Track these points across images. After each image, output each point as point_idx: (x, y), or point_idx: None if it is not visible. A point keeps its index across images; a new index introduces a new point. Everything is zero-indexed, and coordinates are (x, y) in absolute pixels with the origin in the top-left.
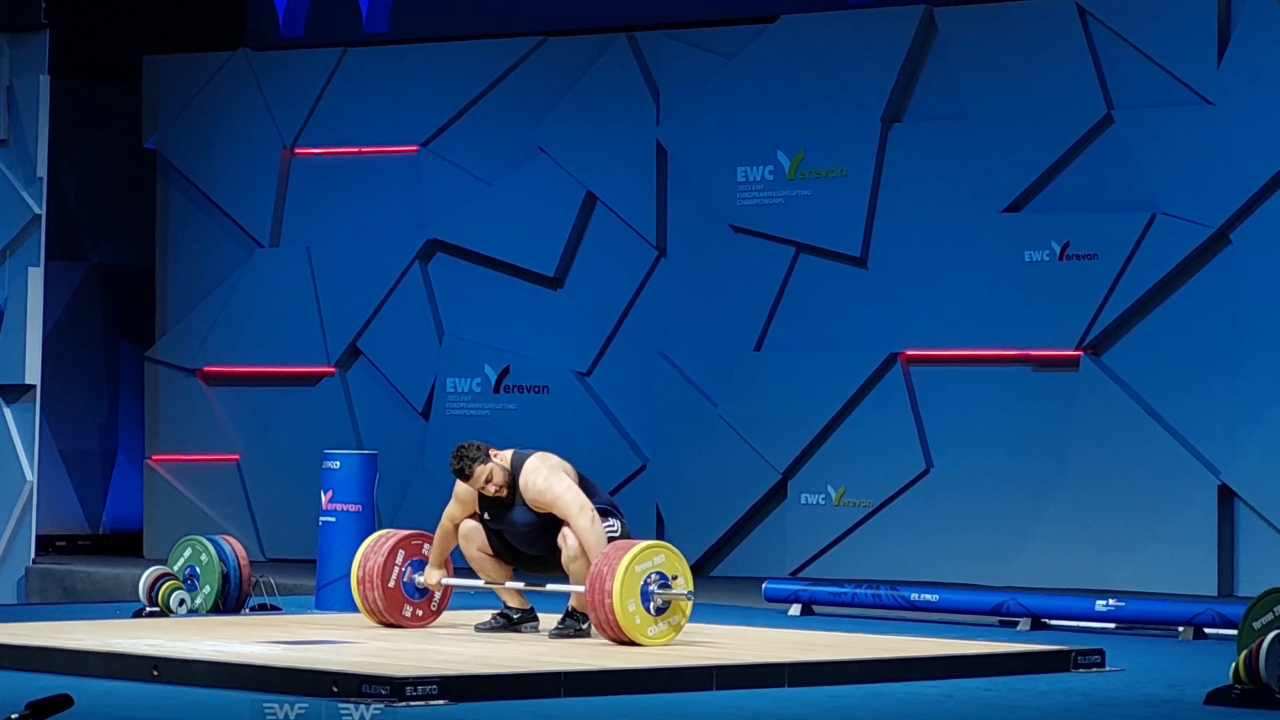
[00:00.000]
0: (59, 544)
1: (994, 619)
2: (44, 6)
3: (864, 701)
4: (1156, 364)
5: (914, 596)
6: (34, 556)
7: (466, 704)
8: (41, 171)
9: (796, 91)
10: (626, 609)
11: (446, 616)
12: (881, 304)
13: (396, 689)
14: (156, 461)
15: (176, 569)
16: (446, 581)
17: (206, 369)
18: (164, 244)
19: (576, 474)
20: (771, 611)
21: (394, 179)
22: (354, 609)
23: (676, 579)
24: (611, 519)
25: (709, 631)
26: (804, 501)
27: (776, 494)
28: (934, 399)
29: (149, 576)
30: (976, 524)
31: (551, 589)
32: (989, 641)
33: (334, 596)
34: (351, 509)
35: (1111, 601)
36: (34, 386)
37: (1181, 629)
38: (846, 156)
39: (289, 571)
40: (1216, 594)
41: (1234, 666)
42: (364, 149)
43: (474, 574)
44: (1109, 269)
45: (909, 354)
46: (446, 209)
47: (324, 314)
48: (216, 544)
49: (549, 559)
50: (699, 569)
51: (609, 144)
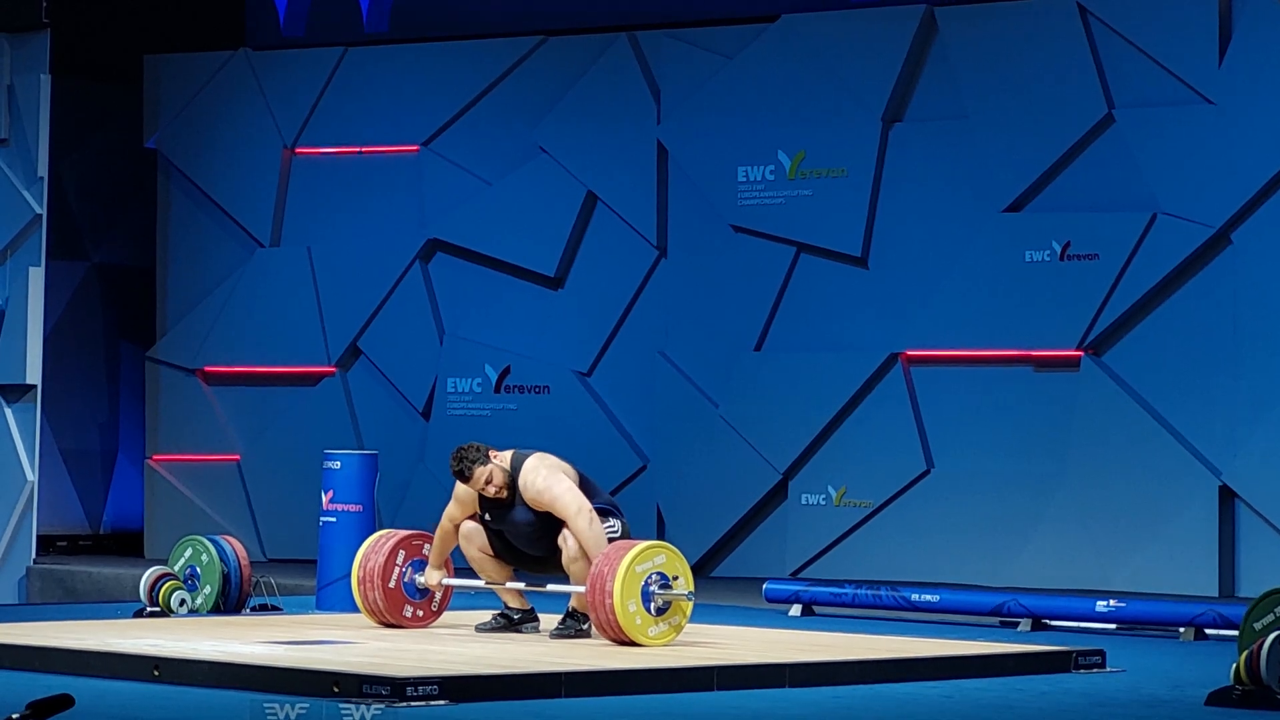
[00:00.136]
0: (60, 544)
1: (995, 619)
2: (45, 6)
3: (864, 702)
4: (1157, 364)
5: (914, 597)
6: (35, 556)
7: (467, 704)
8: (42, 171)
9: (797, 91)
10: (627, 609)
11: (447, 617)
12: (882, 304)
13: (397, 689)
14: (157, 461)
15: (177, 569)
16: (447, 582)
17: (207, 369)
18: (165, 244)
19: (576, 474)
20: (772, 612)
21: (395, 179)
22: (354, 609)
23: (677, 579)
24: (612, 519)
25: (710, 632)
26: (804, 502)
27: (777, 494)
28: (935, 399)
29: (150, 576)
30: (977, 524)
31: (552, 589)
32: (990, 642)
33: (334, 597)
34: (352, 509)
35: (1112, 602)
36: (35, 386)
37: (1182, 630)
38: (847, 156)
39: (289, 571)
40: (1217, 595)
41: (1235, 667)
42: (365, 148)
43: (474, 574)
44: (1110, 269)
45: (910, 354)
46: (447, 209)
47: (324, 314)
48: (217, 544)
49: (550, 559)
50: (699, 569)
51: (610, 144)
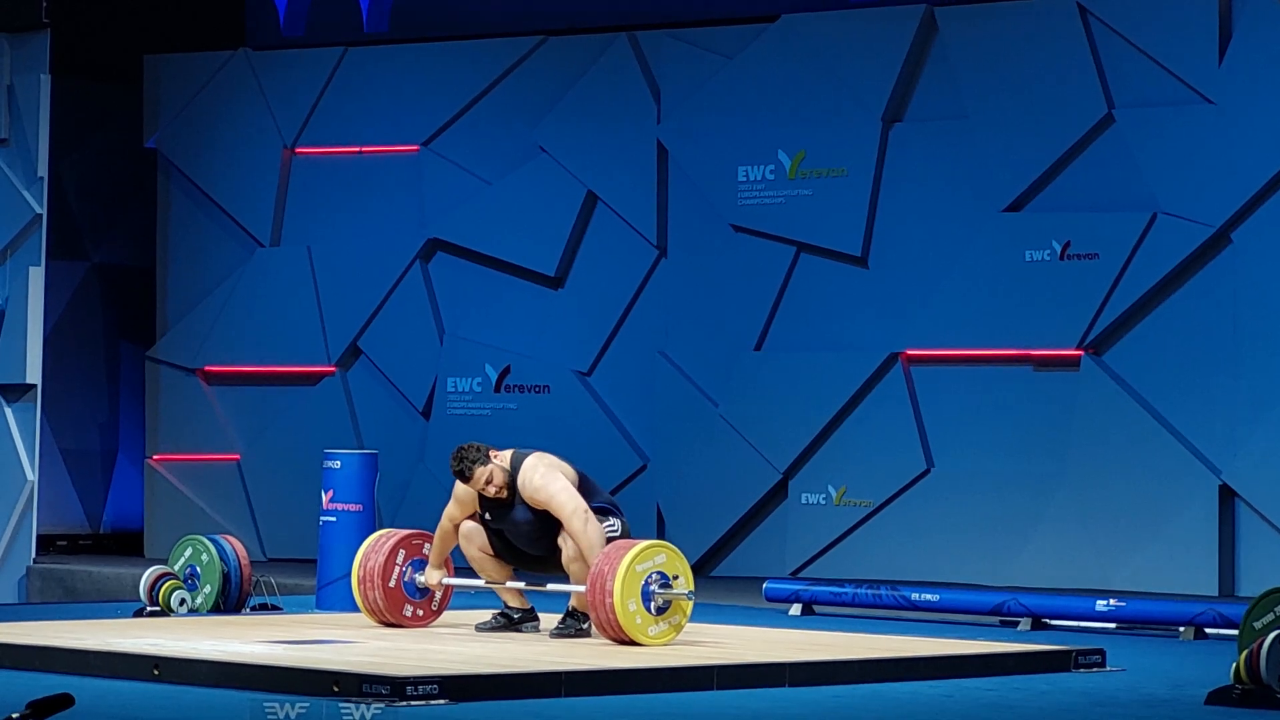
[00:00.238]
0: (60, 543)
1: (994, 619)
2: (45, 6)
3: (864, 701)
4: (1157, 364)
5: (914, 596)
6: (35, 556)
7: (467, 704)
8: (42, 171)
9: (797, 91)
10: (627, 609)
11: (447, 616)
12: (882, 304)
13: (397, 688)
14: (157, 461)
15: (177, 568)
16: (447, 581)
17: (207, 368)
18: (165, 243)
19: (576, 473)
20: (772, 611)
21: (395, 178)
22: (355, 609)
23: (677, 579)
24: (611, 518)
25: (710, 631)
26: (805, 501)
27: (777, 494)
28: (935, 399)
29: (150, 576)
30: (977, 524)
31: (552, 589)
32: (989, 641)
33: (334, 596)
34: (352, 509)
35: (1112, 601)
36: (35, 386)
37: (1182, 629)
38: (847, 156)
39: (289, 571)
40: (1217, 594)
41: (1235, 666)
42: (365, 148)
43: (474, 574)
44: (1110, 268)
45: (910, 354)
46: (447, 208)
47: (324, 313)
48: (217, 543)
49: (549, 559)
50: (700, 569)
51: (610, 143)
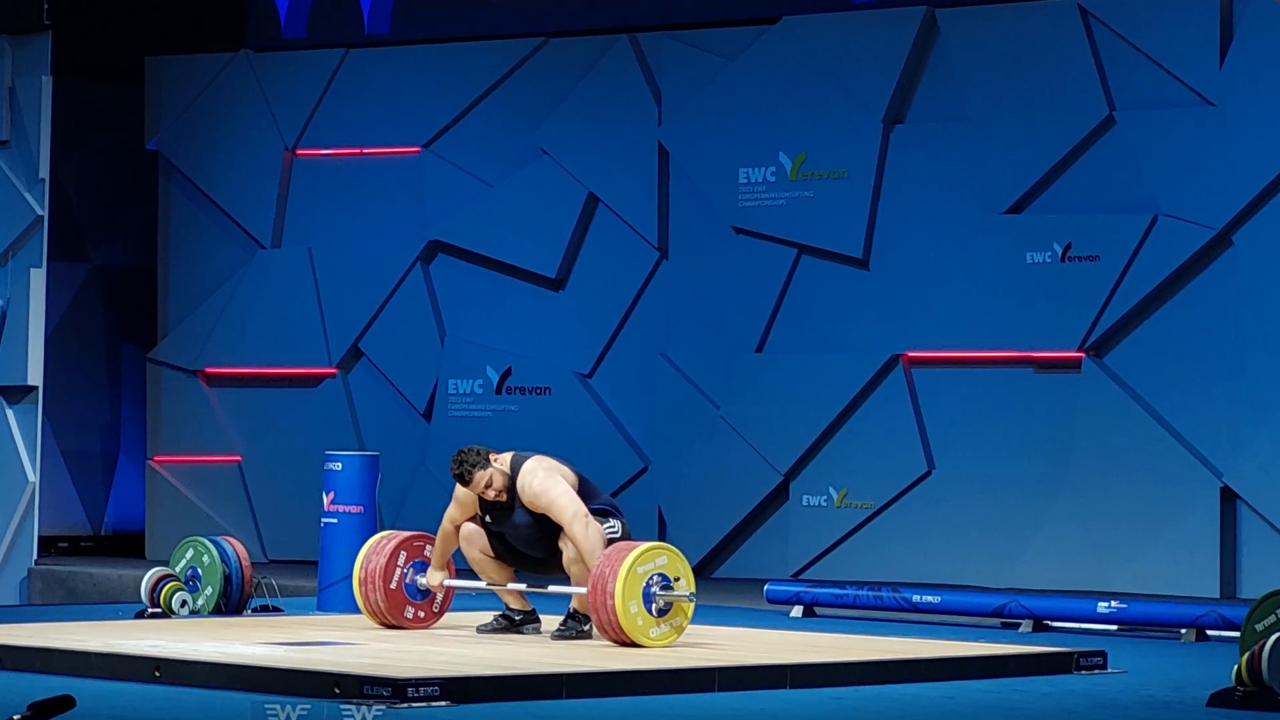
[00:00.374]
0: (61, 545)
1: (996, 621)
2: (46, 7)
3: (866, 703)
4: (1159, 366)
5: (916, 598)
6: (36, 557)
7: (468, 705)
8: (43, 173)
9: (798, 93)
10: (629, 610)
11: (448, 618)
12: (883, 306)
13: (398, 690)
14: (158, 463)
15: (178, 570)
16: (448, 583)
17: (208, 370)
18: (166, 245)
19: (576, 475)
20: (773, 613)
21: (396, 180)
22: (356, 610)
23: (679, 580)
24: (612, 520)
25: (711, 633)
26: (806, 503)
27: (778, 496)
28: (936, 401)
29: (151, 577)
30: (978, 526)
31: (554, 591)
32: (991, 643)
33: (336, 598)
34: (353, 510)
35: (1114, 603)
36: (36, 388)
37: (1184, 631)
38: (848, 158)
39: (291, 573)
40: (1219, 596)
41: (1236, 669)
42: (366, 150)
43: (476, 576)
44: (1111, 270)
45: (911, 356)
46: (448, 210)
47: (326, 315)
48: (218, 545)
49: (550, 561)
50: (701, 571)
51: (611, 145)
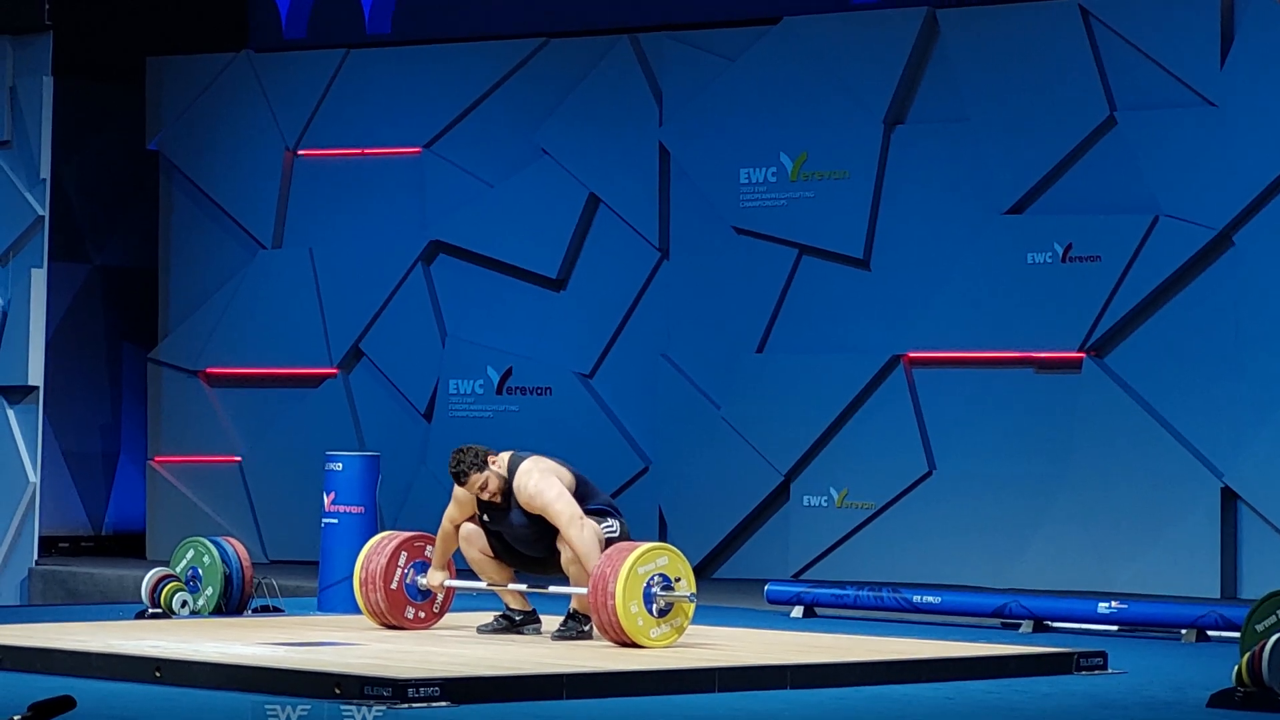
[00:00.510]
0: (61, 545)
1: (996, 621)
2: (47, 8)
3: (866, 704)
4: (1159, 366)
5: (916, 599)
6: (36, 558)
7: (468, 706)
8: (44, 173)
9: (799, 93)
10: (629, 611)
11: (449, 618)
12: (884, 306)
13: (399, 690)
14: (159, 463)
15: (179, 570)
16: (449, 583)
17: (209, 370)
18: (166, 245)
19: (573, 476)
20: (774, 613)
21: (396, 180)
22: (356, 611)
23: (679, 581)
24: (610, 519)
25: (711, 633)
26: (806, 503)
27: (779, 496)
28: (936, 401)
29: (151, 578)
30: (979, 526)
31: (554, 591)
32: (991, 644)
33: (336, 598)
34: (354, 511)
35: (1114, 604)
36: (37, 388)
37: (1184, 631)
38: (849, 158)
39: (291, 573)
40: (1219, 596)
41: (1236, 669)
42: (366, 150)
43: (476, 576)
44: (1111, 271)
45: (911, 356)
46: (449, 210)
47: (326, 315)
48: (219, 545)
49: (549, 560)
50: (701, 571)
51: (612, 146)
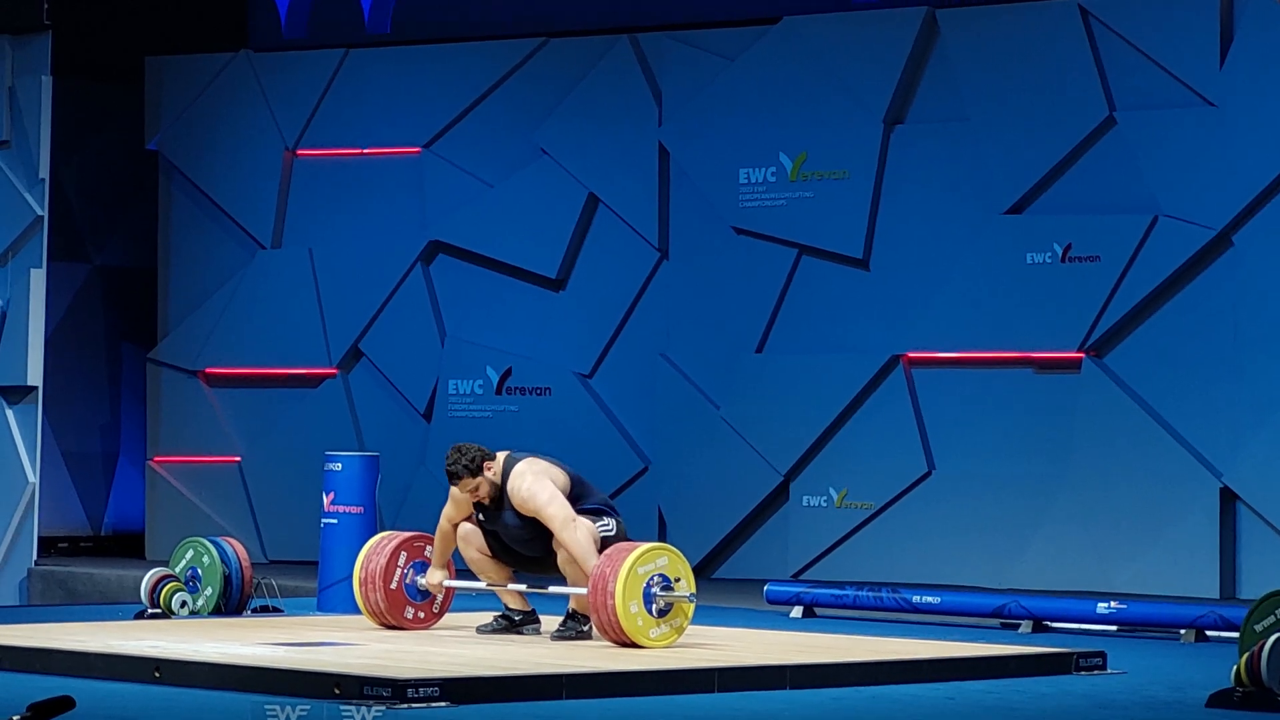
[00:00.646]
0: (61, 545)
1: (996, 621)
2: (46, 7)
3: (866, 704)
4: (1158, 366)
5: (916, 599)
6: (36, 558)
7: (468, 706)
8: (43, 173)
9: (798, 93)
10: (629, 611)
11: (448, 618)
12: (883, 306)
13: (398, 691)
14: (158, 463)
15: (178, 570)
16: (449, 583)
17: (208, 370)
18: (166, 245)
19: (569, 475)
20: (773, 614)
21: (396, 180)
22: (356, 611)
23: (679, 581)
24: (606, 518)
25: (711, 634)
26: (806, 504)
27: (778, 496)
28: (936, 401)
29: (151, 578)
30: (978, 526)
31: (554, 591)
32: (991, 644)
33: (336, 598)
34: (353, 511)
35: (1113, 604)
36: (36, 388)
37: (1183, 631)
38: (849, 158)
39: (291, 573)
40: (1218, 597)
41: (1235, 669)
42: (366, 150)
43: (475, 576)
44: (1111, 271)
45: (911, 356)
46: (448, 210)
47: (326, 315)
48: (218, 545)
49: (546, 560)
50: (701, 571)
51: (611, 145)
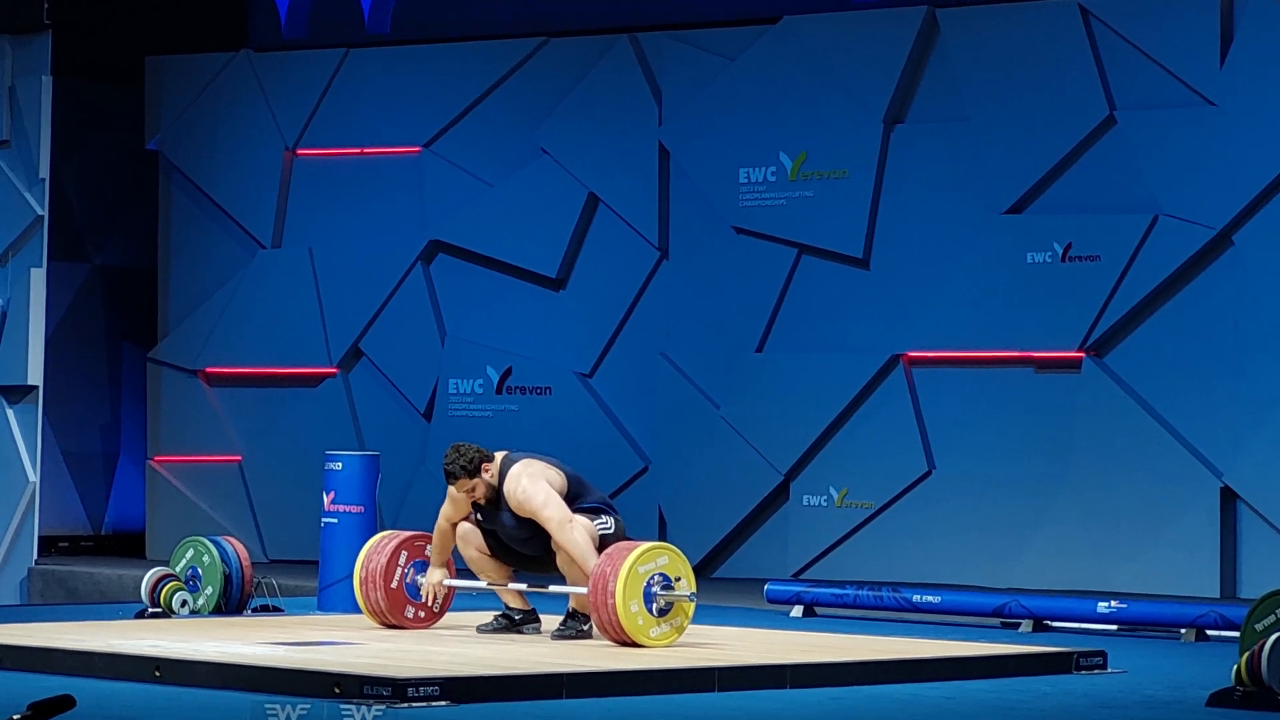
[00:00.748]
0: (61, 545)
1: (996, 621)
2: (46, 7)
3: (866, 703)
4: (1159, 366)
5: (916, 598)
6: (36, 557)
7: (468, 705)
8: (44, 172)
9: (798, 93)
10: (629, 610)
11: (448, 618)
12: (883, 305)
13: (398, 690)
14: (159, 462)
15: (179, 570)
16: (449, 583)
17: (208, 370)
18: (166, 245)
19: (567, 475)
20: (773, 613)
21: (396, 180)
22: (356, 610)
23: (679, 580)
24: (604, 516)
25: (711, 633)
26: (806, 503)
27: (778, 495)
28: (936, 401)
29: (151, 577)
30: (978, 525)
31: (554, 590)
32: (991, 643)
33: (336, 597)
34: (354, 510)
35: (1114, 603)
36: (36, 387)
37: (1184, 631)
38: (849, 158)
39: (291, 572)
40: (1219, 596)
41: (1236, 668)
42: (366, 150)
43: (475, 576)
44: (1111, 270)
45: (911, 355)
46: (448, 210)
47: (326, 315)
48: (219, 545)
49: (545, 558)
50: (701, 570)
51: (611, 145)
